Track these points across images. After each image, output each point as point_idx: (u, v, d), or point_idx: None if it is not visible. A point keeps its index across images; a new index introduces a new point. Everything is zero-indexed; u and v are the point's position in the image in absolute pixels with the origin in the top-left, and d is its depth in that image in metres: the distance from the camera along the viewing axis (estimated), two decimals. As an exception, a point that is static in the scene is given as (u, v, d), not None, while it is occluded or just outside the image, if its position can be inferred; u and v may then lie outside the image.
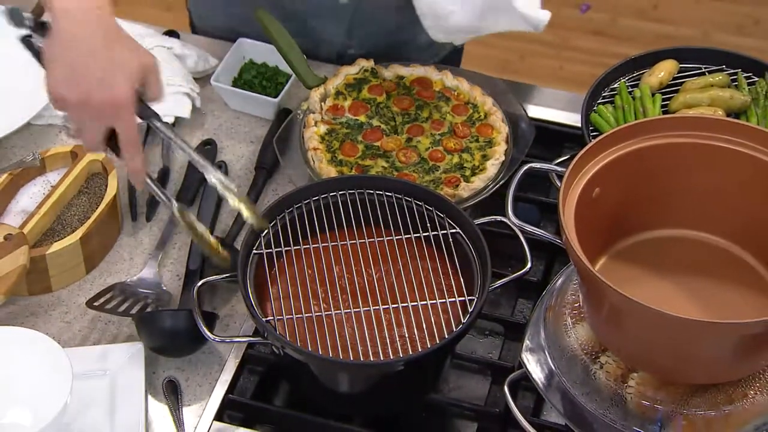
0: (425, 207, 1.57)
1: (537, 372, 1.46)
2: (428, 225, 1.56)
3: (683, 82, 1.83)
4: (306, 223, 1.56)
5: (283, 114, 1.88)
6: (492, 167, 1.72)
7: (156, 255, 1.70)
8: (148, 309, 1.62)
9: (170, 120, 1.86)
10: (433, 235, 1.55)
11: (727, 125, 1.42)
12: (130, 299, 1.63)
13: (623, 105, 1.79)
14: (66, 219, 1.71)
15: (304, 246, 1.55)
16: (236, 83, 1.94)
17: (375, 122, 1.80)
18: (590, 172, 1.39)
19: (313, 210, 1.57)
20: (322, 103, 1.81)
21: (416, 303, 1.49)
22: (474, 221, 1.54)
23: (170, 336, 1.56)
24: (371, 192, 1.59)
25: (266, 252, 1.52)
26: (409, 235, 1.56)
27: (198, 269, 1.67)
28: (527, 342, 1.49)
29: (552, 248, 1.67)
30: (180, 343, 1.57)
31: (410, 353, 1.43)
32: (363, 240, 1.56)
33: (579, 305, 1.45)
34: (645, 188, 1.45)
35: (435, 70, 1.86)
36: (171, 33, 2.03)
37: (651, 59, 1.86)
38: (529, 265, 1.51)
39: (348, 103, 1.82)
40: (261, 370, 1.59)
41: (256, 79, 1.93)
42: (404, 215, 1.57)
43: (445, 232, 1.55)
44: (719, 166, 1.42)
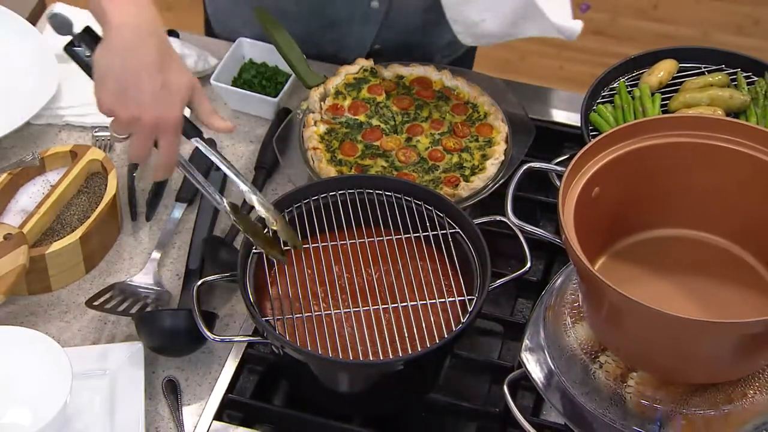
0: (425, 207, 1.57)
1: (536, 371, 1.46)
2: (428, 225, 1.56)
3: (683, 82, 1.83)
4: (305, 223, 1.56)
5: (283, 114, 1.88)
6: (491, 167, 1.72)
7: (156, 255, 1.70)
8: (148, 308, 1.62)
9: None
10: (433, 235, 1.55)
11: (727, 125, 1.42)
12: (130, 299, 1.63)
13: (623, 105, 1.79)
14: (65, 218, 1.71)
15: (304, 245, 1.55)
16: (236, 83, 1.94)
17: (374, 122, 1.80)
18: (590, 172, 1.39)
19: (313, 210, 1.57)
20: (322, 103, 1.81)
21: (416, 303, 1.49)
22: (473, 221, 1.54)
23: (170, 335, 1.56)
24: (371, 192, 1.59)
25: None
26: (409, 235, 1.56)
27: (198, 269, 1.67)
28: (527, 341, 1.49)
29: (551, 248, 1.67)
30: (179, 343, 1.57)
31: (410, 353, 1.43)
32: (362, 240, 1.56)
33: (578, 305, 1.45)
34: (644, 188, 1.45)
35: (434, 70, 1.86)
36: (171, 33, 2.03)
37: (650, 59, 1.86)
38: (529, 265, 1.51)
39: (347, 103, 1.82)
40: (261, 370, 1.59)
41: (256, 79, 1.93)
42: (404, 215, 1.57)
43: (445, 232, 1.55)
44: (719, 166, 1.42)
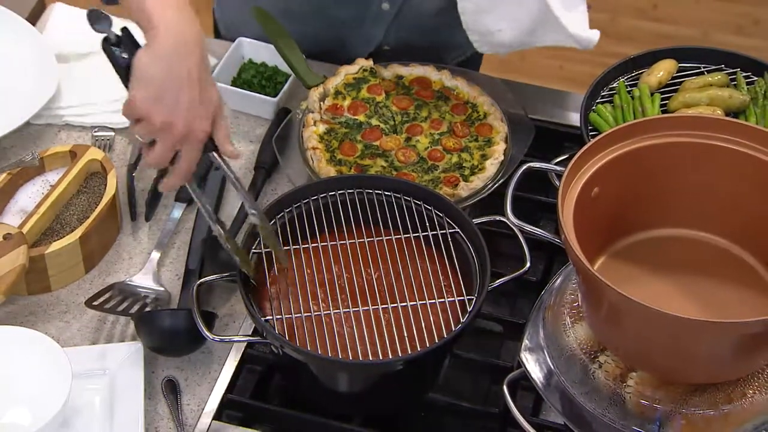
0: (424, 206, 1.57)
1: (536, 371, 1.46)
2: (427, 224, 1.56)
3: (682, 82, 1.83)
4: (305, 223, 1.56)
5: (282, 113, 1.88)
6: (491, 167, 1.72)
7: (155, 254, 1.69)
8: (147, 308, 1.62)
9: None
10: (432, 235, 1.55)
11: (726, 125, 1.42)
12: (129, 299, 1.63)
13: (622, 104, 1.79)
14: (65, 218, 1.71)
15: (303, 245, 1.55)
16: (235, 83, 1.94)
17: (374, 122, 1.80)
18: (589, 172, 1.39)
19: (312, 210, 1.57)
20: (321, 103, 1.81)
21: (415, 303, 1.49)
22: (473, 221, 1.54)
23: (169, 335, 1.56)
24: (370, 191, 1.59)
25: (265, 251, 1.52)
26: (408, 235, 1.56)
27: (197, 269, 1.67)
28: (526, 341, 1.49)
29: (551, 248, 1.67)
30: (179, 343, 1.57)
31: (409, 353, 1.43)
32: (362, 240, 1.56)
33: (578, 305, 1.45)
34: (644, 187, 1.45)
35: (434, 70, 1.86)
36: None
37: (650, 59, 1.86)
38: (528, 265, 1.51)
39: (347, 103, 1.82)
40: (260, 370, 1.59)
41: (255, 79, 1.93)
42: (403, 215, 1.57)
43: (444, 232, 1.55)
44: (718, 166, 1.42)
